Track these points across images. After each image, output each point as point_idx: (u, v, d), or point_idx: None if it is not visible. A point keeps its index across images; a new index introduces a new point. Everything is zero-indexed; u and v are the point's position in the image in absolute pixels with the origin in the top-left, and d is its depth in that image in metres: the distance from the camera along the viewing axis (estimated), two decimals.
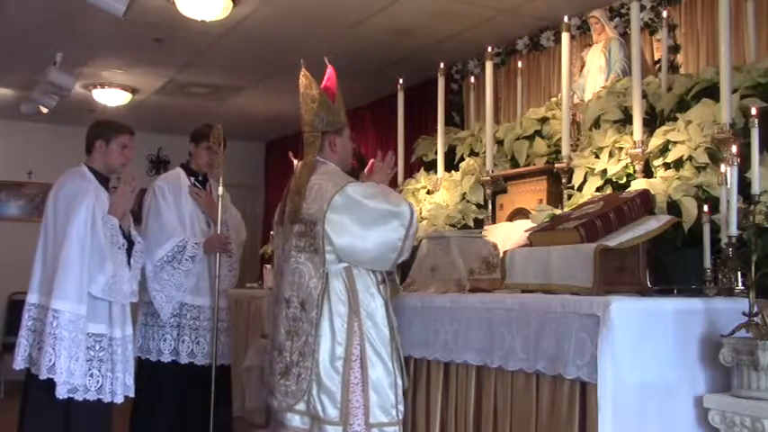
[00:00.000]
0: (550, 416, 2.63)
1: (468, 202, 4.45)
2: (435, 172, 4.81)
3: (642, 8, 4.46)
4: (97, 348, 3.51)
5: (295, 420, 3.11)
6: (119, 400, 3.59)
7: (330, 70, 3.37)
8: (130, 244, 3.70)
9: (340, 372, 3.03)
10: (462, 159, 4.82)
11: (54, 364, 3.35)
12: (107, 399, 3.53)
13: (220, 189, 4.22)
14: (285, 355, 3.11)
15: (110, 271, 3.50)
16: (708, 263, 2.89)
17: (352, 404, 3.02)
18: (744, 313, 2.50)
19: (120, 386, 3.57)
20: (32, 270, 3.59)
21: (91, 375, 3.48)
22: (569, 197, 3.68)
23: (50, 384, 3.36)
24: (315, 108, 3.25)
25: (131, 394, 3.68)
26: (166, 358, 4.19)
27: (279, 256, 3.34)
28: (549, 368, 2.62)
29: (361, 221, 3.07)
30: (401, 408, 3.12)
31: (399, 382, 3.14)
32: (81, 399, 3.44)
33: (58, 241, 3.50)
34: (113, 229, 3.57)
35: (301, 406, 3.08)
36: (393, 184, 5.29)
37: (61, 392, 3.39)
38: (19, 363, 3.53)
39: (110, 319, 3.57)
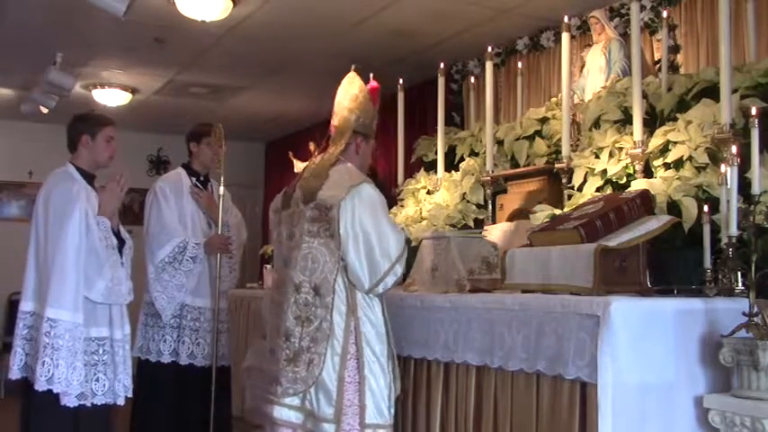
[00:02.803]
0: (550, 416, 2.64)
1: (468, 202, 4.45)
2: (435, 172, 4.81)
3: (642, 8, 4.46)
4: (101, 352, 3.48)
5: (287, 415, 3.04)
6: (121, 401, 3.56)
7: (375, 83, 3.42)
8: (121, 242, 3.65)
9: (336, 369, 2.98)
10: (462, 159, 4.83)
11: (53, 374, 3.29)
12: (112, 401, 3.50)
13: (221, 189, 4.22)
14: (293, 341, 3.00)
15: (108, 275, 3.46)
16: (708, 263, 2.89)
17: (345, 403, 2.97)
18: (744, 313, 2.50)
19: (121, 387, 3.55)
20: (25, 276, 3.52)
21: (97, 380, 3.45)
22: (569, 197, 3.68)
23: (51, 394, 3.32)
24: (353, 106, 3.21)
25: (129, 394, 3.64)
26: (166, 359, 4.19)
27: (282, 242, 3.23)
28: (550, 368, 2.62)
29: (362, 223, 3.00)
30: (392, 411, 3.07)
31: (393, 385, 3.09)
32: (90, 404, 3.41)
33: (51, 248, 3.43)
34: (106, 230, 3.53)
35: (296, 401, 3.01)
36: (394, 183, 5.31)
37: (70, 401, 3.35)
38: (15, 372, 3.45)
39: (110, 321, 3.54)
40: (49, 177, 3.65)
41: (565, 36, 3.96)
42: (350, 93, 3.23)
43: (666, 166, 3.32)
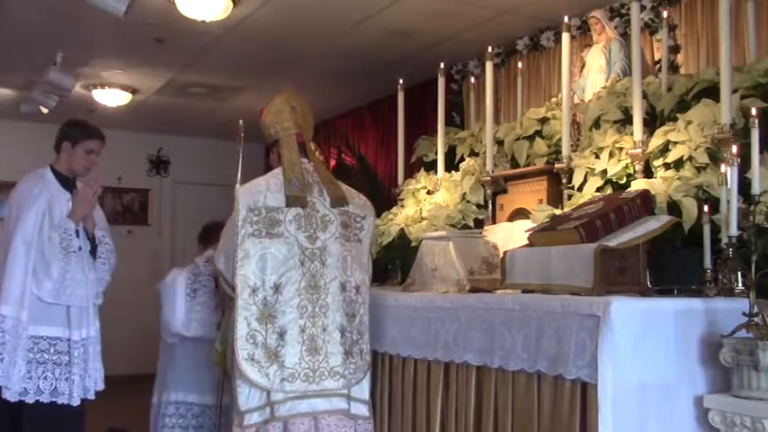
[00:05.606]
0: (551, 416, 2.64)
1: (468, 202, 4.44)
2: (435, 172, 4.81)
3: (642, 8, 4.46)
4: (52, 351, 3.50)
5: (337, 404, 3.21)
6: (75, 402, 3.54)
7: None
8: (95, 246, 3.70)
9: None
10: (462, 159, 4.82)
11: None
12: (62, 401, 3.50)
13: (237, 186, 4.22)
14: (347, 335, 3.24)
15: (55, 275, 3.49)
16: (708, 263, 2.89)
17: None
18: (744, 313, 2.50)
19: (76, 389, 3.53)
20: None
21: (45, 378, 3.47)
22: (569, 197, 3.68)
23: None
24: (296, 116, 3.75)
25: (90, 396, 3.63)
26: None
27: (297, 242, 3.21)
28: (550, 368, 2.62)
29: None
30: None
31: None
32: (32, 401, 3.44)
33: (6, 245, 3.52)
34: (66, 233, 3.55)
35: (345, 389, 3.23)
36: (394, 183, 5.31)
37: (11, 396, 3.40)
38: None
39: (68, 321, 3.55)
40: (22, 177, 3.76)
41: (565, 36, 3.96)
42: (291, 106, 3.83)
43: (666, 166, 3.31)
